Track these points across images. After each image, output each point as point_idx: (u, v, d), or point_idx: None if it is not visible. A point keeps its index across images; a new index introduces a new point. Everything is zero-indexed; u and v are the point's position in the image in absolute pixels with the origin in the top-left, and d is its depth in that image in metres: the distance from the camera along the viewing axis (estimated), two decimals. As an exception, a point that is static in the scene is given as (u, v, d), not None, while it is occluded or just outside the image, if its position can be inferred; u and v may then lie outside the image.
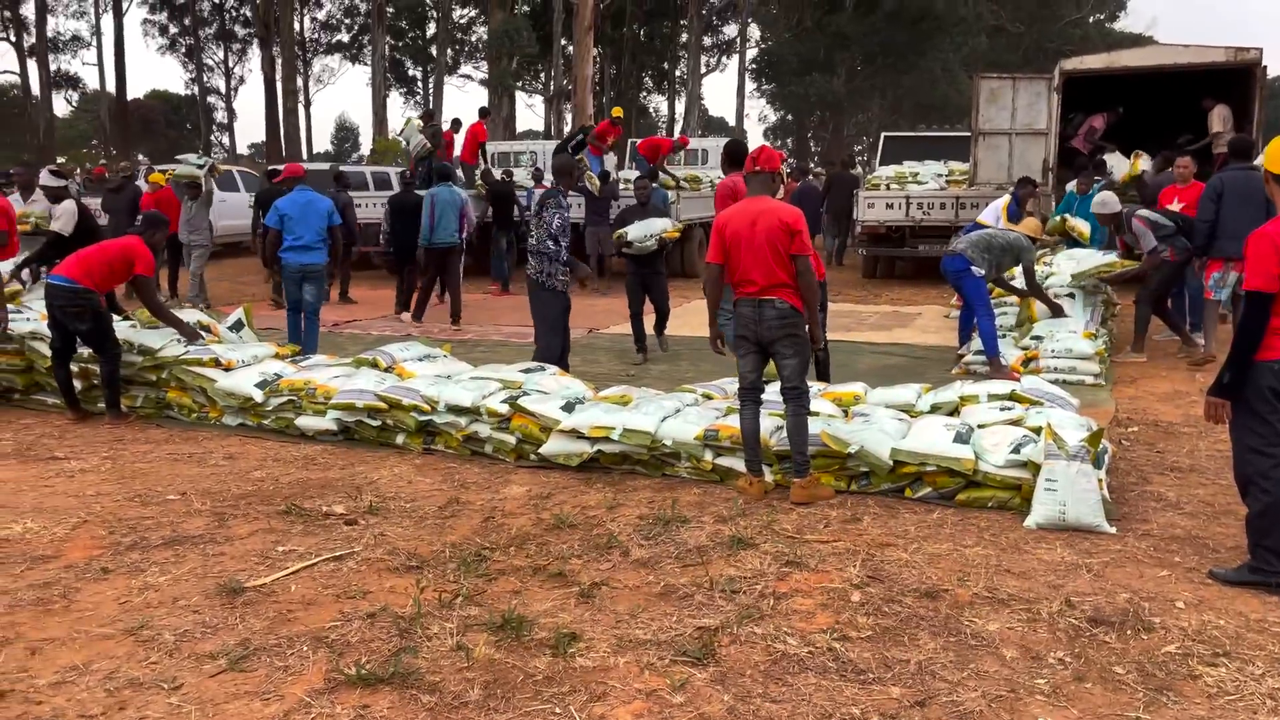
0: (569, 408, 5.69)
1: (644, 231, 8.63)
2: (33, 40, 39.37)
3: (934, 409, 5.78)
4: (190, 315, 7.62)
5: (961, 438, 4.99)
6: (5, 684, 3.18)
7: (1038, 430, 4.91)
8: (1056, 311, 8.22)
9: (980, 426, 5.17)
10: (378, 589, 3.93)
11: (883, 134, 19.91)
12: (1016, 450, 4.82)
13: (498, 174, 15.84)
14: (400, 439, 6.08)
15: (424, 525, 4.70)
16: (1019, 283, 8.37)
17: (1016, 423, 5.21)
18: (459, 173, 14.59)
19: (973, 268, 7.77)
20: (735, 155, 7.11)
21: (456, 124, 17.86)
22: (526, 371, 6.45)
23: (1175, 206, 8.89)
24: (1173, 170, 9.73)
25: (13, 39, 41.17)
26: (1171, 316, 8.89)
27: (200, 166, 11.72)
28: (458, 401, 5.89)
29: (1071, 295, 8.52)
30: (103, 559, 4.28)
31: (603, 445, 5.44)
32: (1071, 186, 11.61)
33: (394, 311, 11.88)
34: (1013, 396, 5.72)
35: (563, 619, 3.63)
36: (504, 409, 5.79)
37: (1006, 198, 10.23)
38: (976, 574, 4.01)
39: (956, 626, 3.54)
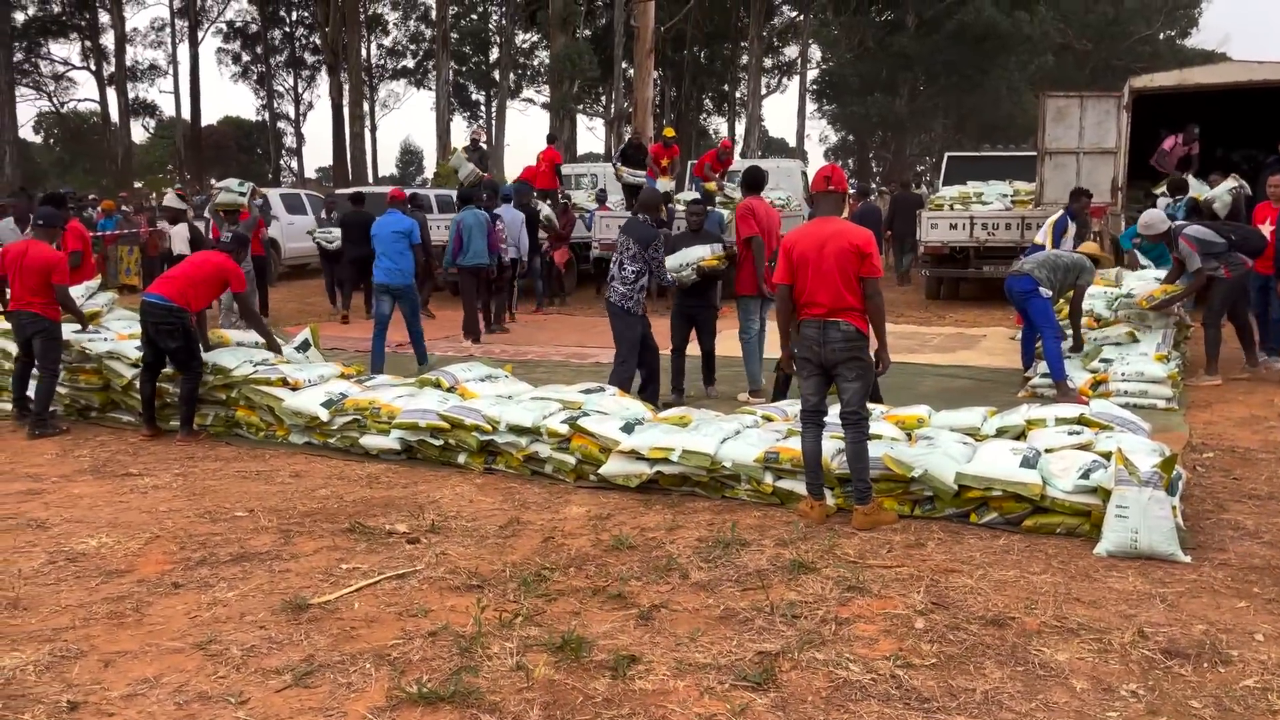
0: (628, 428, 5.70)
1: (679, 261, 7.73)
2: (112, 69, 40.73)
3: (1000, 433, 5.67)
4: (243, 335, 7.77)
5: (1028, 462, 4.89)
6: (80, 695, 3.26)
7: (1108, 455, 4.79)
8: (1076, 347, 8.12)
9: (1048, 451, 5.06)
10: (439, 607, 3.96)
11: (946, 154, 19.71)
12: (1086, 475, 4.71)
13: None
14: (462, 458, 6.14)
15: (485, 545, 4.73)
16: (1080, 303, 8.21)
17: (1085, 447, 5.09)
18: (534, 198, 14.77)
19: (1040, 289, 7.63)
20: (754, 181, 7.93)
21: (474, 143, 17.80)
22: (586, 392, 6.48)
23: (1266, 228, 8.70)
24: (1268, 190, 9.47)
25: (93, 68, 42.68)
26: (1245, 331, 8.68)
27: (241, 193, 12.09)
28: (519, 422, 5.94)
29: (1142, 318, 8.31)
30: (174, 574, 4.37)
31: (662, 466, 5.44)
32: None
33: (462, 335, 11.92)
34: (1081, 420, 5.59)
35: (622, 641, 3.62)
36: (564, 429, 5.81)
37: (1058, 214, 10.01)
38: (1045, 602, 3.92)
39: (1024, 656, 3.46)
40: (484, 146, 17.85)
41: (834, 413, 5.22)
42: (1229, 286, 8.24)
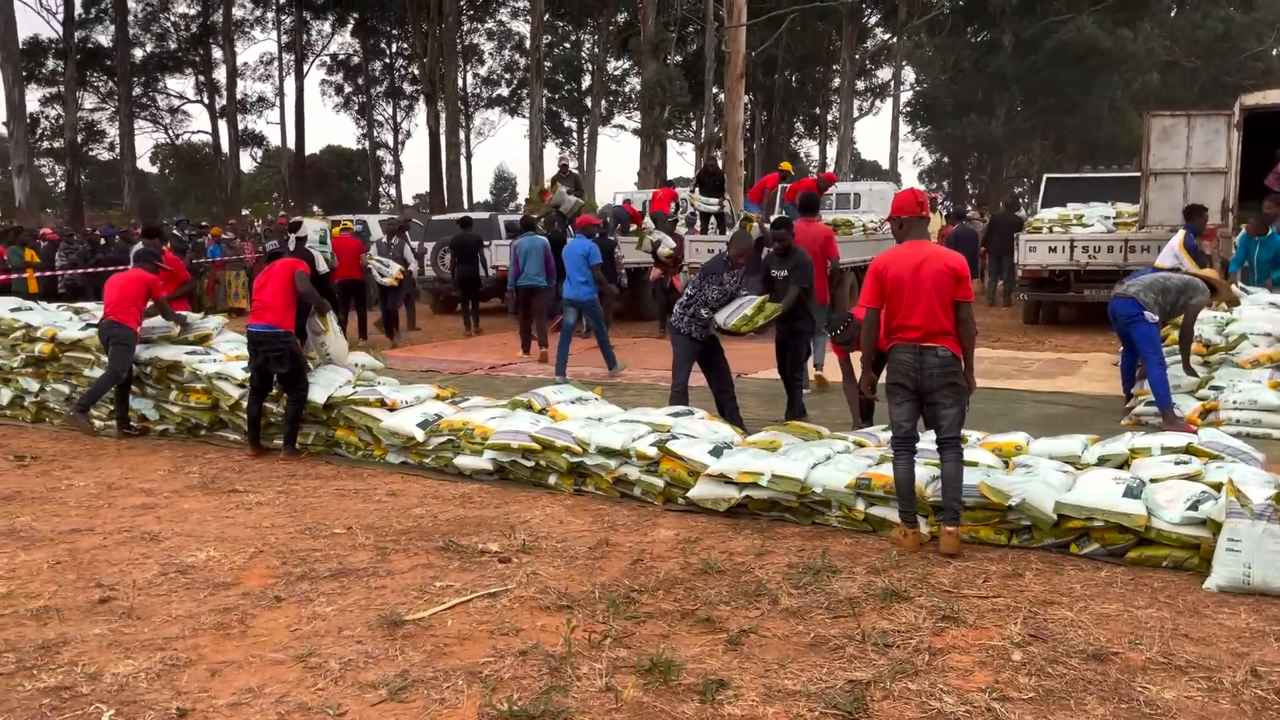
0: (717, 452, 5.70)
1: (731, 314, 7.35)
2: (224, 102, 42.57)
3: (1102, 461, 5.50)
4: (358, 356, 8.03)
5: (1132, 492, 4.73)
6: (188, 703, 3.39)
7: (1218, 486, 4.61)
8: (1188, 372, 7.77)
9: (1153, 481, 4.88)
10: (530, 626, 4.01)
11: (1044, 175, 19.24)
12: (1194, 507, 4.53)
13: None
14: (552, 480, 6.21)
15: (575, 565, 4.77)
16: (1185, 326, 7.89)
17: (1194, 478, 4.89)
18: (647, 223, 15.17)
19: (1146, 313, 7.35)
20: (810, 204, 8.99)
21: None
22: (675, 415, 6.50)
23: None
24: None
25: (206, 101, 44.64)
26: None
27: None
28: (608, 444, 5.99)
29: (1256, 344, 7.98)
30: (276, 588, 4.52)
31: (751, 491, 5.42)
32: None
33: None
34: (1189, 450, 5.38)
35: (711, 665, 3.61)
36: (653, 452, 5.84)
37: (1181, 233, 9.68)
38: (1150, 637, 3.78)
39: (1128, 693, 3.34)
40: (574, 172, 18.11)
41: (926, 439, 5.14)
42: None
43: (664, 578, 4.56)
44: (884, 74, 47.29)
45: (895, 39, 41.66)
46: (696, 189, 16.65)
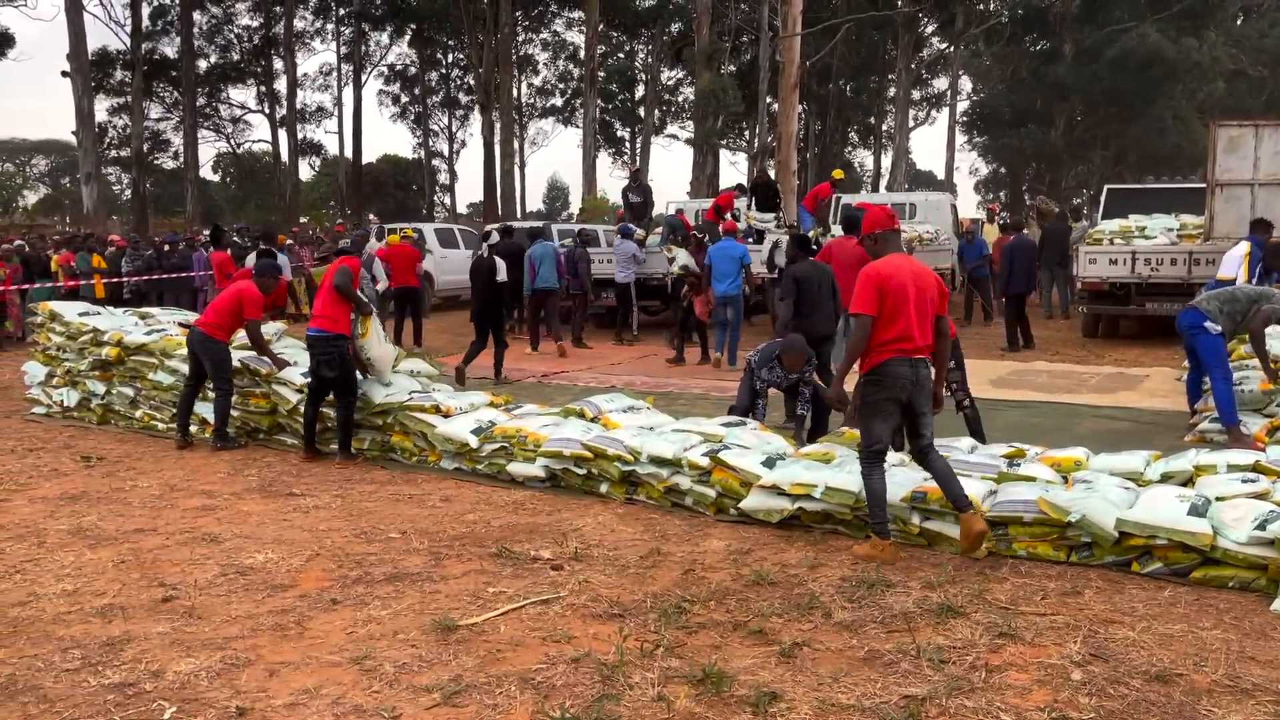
0: (769, 463, 5.67)
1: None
2: (284, 112, 43.41)
3: (1165, 478, 5.38)
4: (413, 363, 8.11)
5: (1197, 510, 4.62)
6: (247, 701, 3.45)
7: (1287, 506, 4.48)
8: (1272, 379, 7.33)
9: (1219, 499, 4.76)
10: (582, 634, 4.02)
11: (1105, 186, 18.90)
12: (1262, 526, 4.41)
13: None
14: (604, 488, 6.22)
15: (626, 574, 4.77)
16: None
17: (1262, 496, 4.76)
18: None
19: (1208, 323, 7.13)
20: (851, 222, 8.08)
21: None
22: (728, 425, 6.48)
23: None
24: None
25: (267, 111, 45.52)
26: None
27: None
28: (660, 453, 5.99)
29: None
30: (332, 590, 4.58)
31: (804, 503, 5.38)
32: None
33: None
34: (1256, 468, 5.24)
35: (763, 677, 3.59)
36: (705, 462, 5.83)
37: (1245, 245, 9.44)
38: (1215, 659, 3.68)
39: (1192, 715, 3.26)
40: (648, 183, 18.18)
41: (981, 454, 5.07)
42: None
43: (715, 588, 4.54)
44: (940, 83, 46.92)
45: (952, 48, 41.24)
46: (751, 202, 16.60)
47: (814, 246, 9.24)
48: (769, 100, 28.07)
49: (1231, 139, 13.24)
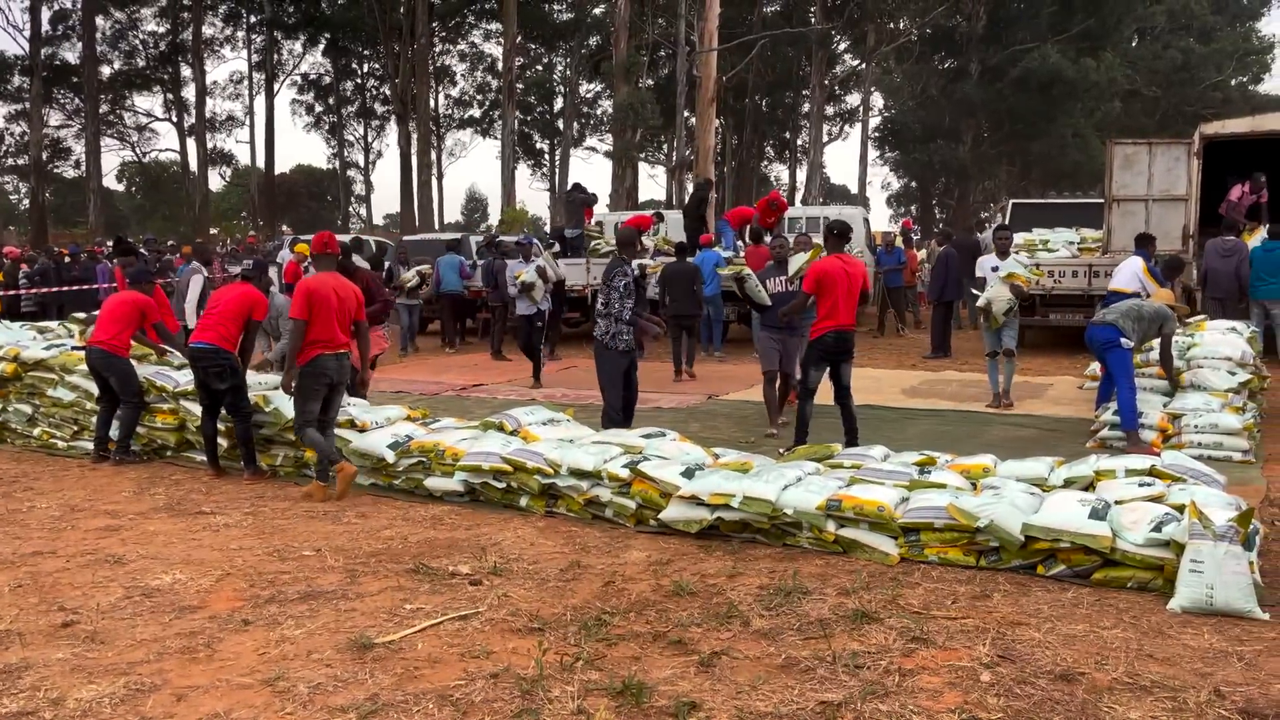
0: (689, 474, 5.71)
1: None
2: (192, 120, 42.32)
3: (1068, 483, 5.57)
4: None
5: (1098, 514, 4.79)
6: (153, 727, 3.34)
7: (1181, 508, 4.67)
8: (1175, 387, 8.02)
9: (1118, 503, 4.95)
10: (501, 649, 3.99)
11: (1010, 201, 19.53)
12: (1158, 528, 4.60)
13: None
14: (524, 501, 6.19)
15: (546, 587, 4.76)
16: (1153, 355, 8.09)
17: (1158, 499, 4.97)
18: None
19: (1123, 339, 7.55)
20: (843, 233, 7.93)
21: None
22: (647, 437, 6.51)
23: None
24: None
25: (174, 119, 44.36)
26: None
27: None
28: (580, 465, 5.99)
29: (1215, 368, 8.13)
30: (243, 611, 4.47)
31: (722, 512, 5.43)
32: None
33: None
34: (1153, 472, 5.47)
35: (683, 687, 3.61)
36: (625, 474, 5.84)
37: (1138, 260, 9.88)
38: (1116, 658, 3.82)
39: (1095, 713, 3.37)
40: (591, 193, 18.18)
41: (897, 460, 5.19)
42: None
43: (636, 599, 4.55)
44: (853, 99, 47.84)
45: (864, 65, 42.19)
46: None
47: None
48: (687, 114, 28.31)
49: (1127, 156, 13.83)
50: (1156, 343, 8.01)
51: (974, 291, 9.66)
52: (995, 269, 9.54)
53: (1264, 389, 8.71)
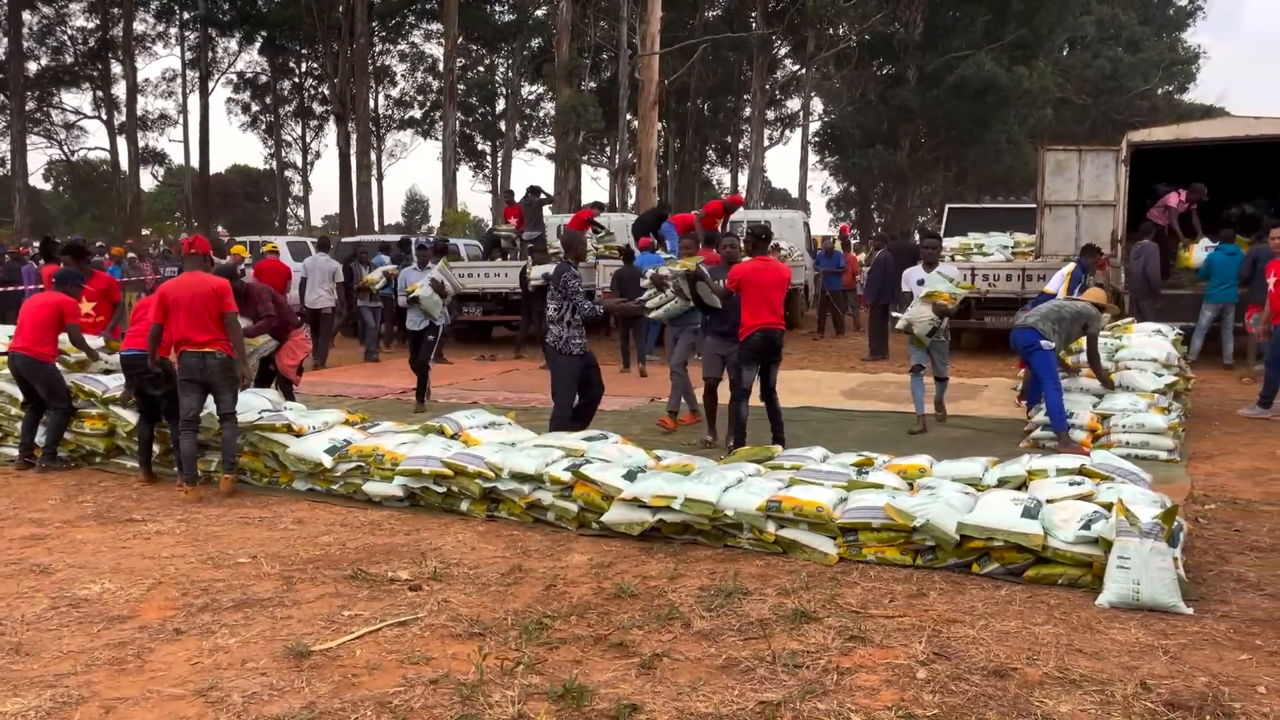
0: (631, 476, 5.71)
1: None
2: (123, 119, 41.30)
3: (1001, 483, 5.69)
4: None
5: (1030, 512, 4.90)
6: (80, 741, 3.26)
7: (1109, 506, 4.80)
8: (1107, 386, 8.15)
9: (1049, 501, 5.07)
10: (441, 655, 3.96)
11: (947, 206, 19.88)
12: (1087, 526, 4.72)
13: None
14: (464, 505, 6.15)
15: (487, 592, 4.73)
16: (1083, 356, 8.26)
17: (1087, 498, 5.10)
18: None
19: (1043, 341, 7.69)
20: (764, 236, 8.17)
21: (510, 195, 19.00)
22: (589, 439, 6.51)
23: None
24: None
25: (104, 117, 43.23)
26: None
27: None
28: (521, 469, 5.96)
29: (1142, 370, 8.36)
30: (175, 620, 4.38)
31: (664, 514, 5.44)
32: None
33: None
34: (1082, 471, 5.60)
35: (623, 690, 3.61)
36: (567, 476, 5.83)
37: (1071, 266, 10.17)
38: (1047, 653, 3.91)
39: (1026, 707, 3.45)
40: (549, 195, 18.13)
41: (835, 461, 5.25)
42: None
43: (577, 603, 4.55)
44: (793, 104, 48.34)
45: (804, 71, 42.63)
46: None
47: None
48: (629, 117, 28.38)
49: (1058, 162, 14.17)
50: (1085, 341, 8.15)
51: (895, 315, 9.06)
52: (921, 282, 8.92)
53: (1188, 389, 8.99)
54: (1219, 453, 7.74)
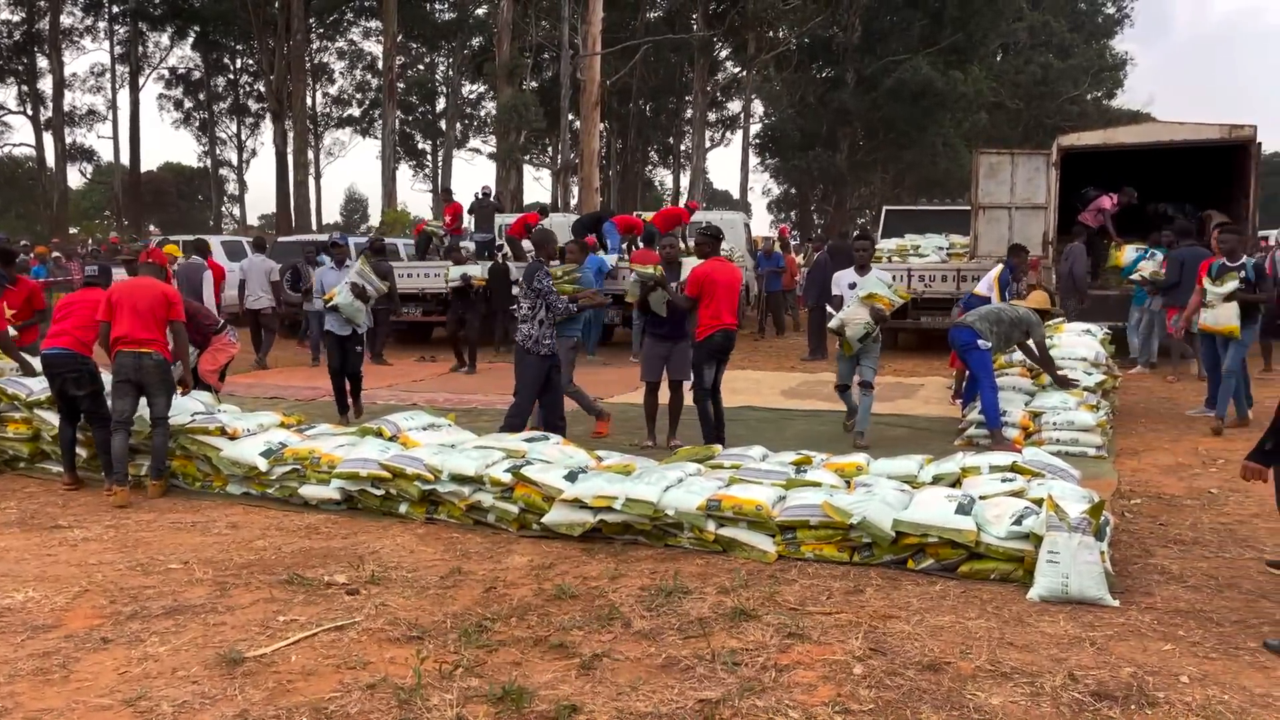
0: (572, 477, 5.71)
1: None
2: (49, 114, 40.15)
3: (936, 480, 5.79)
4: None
5: (964, 509, 4.99)
6: (2, 754, 3.16)
7: (1039, 502, 4.91)
8: (1064, 385, 8.23)
9: (982, 498, 5.17)
10: (378, 659, 3.92)
11: (884, 207, 20.16)
12: (1019, 522, 4.82)
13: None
14: (403, 508, 6.08)
15: (425, 595, 4.69)
16: (1017, 356, 8.45)
17: (1018, 494, 5.20)
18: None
19: (979, 341, 7.85)
20: (716, 236, 8.14)
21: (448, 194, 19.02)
22: (530, 440, 6.48)
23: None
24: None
25: (29, 113, 42.00)
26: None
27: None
28: (461, 470, 5.92)
29: (1072, 369, 8.57)
30: (103, 628, 4.27)
31: (605, 515, 5.44)
32: None
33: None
34: (1014, 468, 5.72)
35: (563, 691, 3.61)
36: (507, 478, 5.80)
37: (999, 267, 10.38)
38: (979, 647, 3.99)
39: (959, 700, 3.52)
40: (495, 200, 18.02)
41: (774, 460, 5.29)
42: None
43: (517, 605, 4.53)
44: (734, 106, 48.68)
45: (745, 73, 42.93)
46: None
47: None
48: (571, 117, 28.32)
49: (992, 165, 14.46)
50: (1032, 345, 8.26)
51: (830, 311, 8.60)
52: (853, 286, 8.39)
53: (1116, 388, 9.22)
54: (1144, 449, 7.96)
